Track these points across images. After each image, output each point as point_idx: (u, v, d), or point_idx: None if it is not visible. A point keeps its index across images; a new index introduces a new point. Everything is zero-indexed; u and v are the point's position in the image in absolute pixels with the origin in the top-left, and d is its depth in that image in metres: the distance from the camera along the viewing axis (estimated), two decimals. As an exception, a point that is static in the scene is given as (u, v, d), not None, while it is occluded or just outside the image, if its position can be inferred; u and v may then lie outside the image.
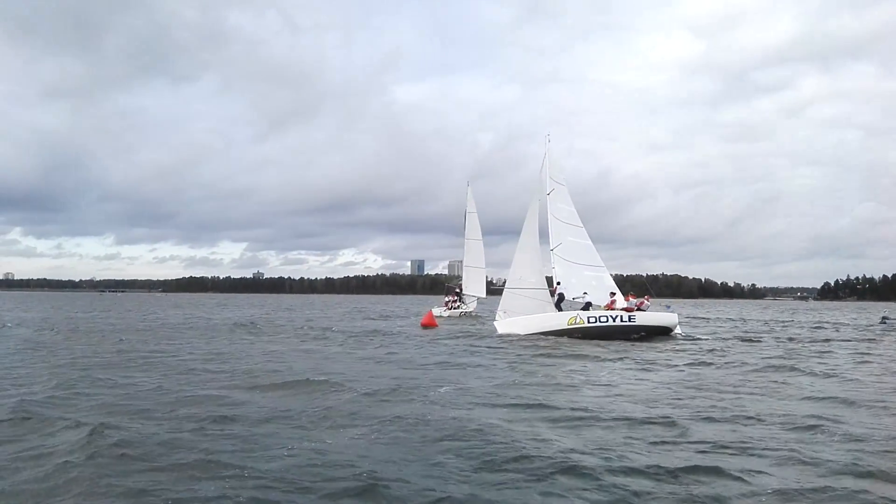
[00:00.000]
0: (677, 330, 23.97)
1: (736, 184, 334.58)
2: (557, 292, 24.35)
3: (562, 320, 23.05)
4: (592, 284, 25.26)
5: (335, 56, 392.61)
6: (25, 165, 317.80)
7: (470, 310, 42.80)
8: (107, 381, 10.56)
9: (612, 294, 24.30)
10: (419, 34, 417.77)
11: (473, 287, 43.94)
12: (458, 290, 43.65)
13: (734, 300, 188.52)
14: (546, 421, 7.84)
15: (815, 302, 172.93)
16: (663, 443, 6.76)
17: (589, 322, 22.71)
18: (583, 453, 6.21)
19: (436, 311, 38.64)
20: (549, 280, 25.48)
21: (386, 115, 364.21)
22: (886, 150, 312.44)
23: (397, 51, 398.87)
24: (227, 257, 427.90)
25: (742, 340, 22.58)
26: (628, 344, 20.07)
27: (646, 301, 24.52)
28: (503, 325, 24.17)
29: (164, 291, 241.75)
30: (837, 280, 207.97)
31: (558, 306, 24.00)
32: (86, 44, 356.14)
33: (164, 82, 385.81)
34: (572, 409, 8.53)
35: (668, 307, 25.73)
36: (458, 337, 22.46)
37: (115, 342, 18.59)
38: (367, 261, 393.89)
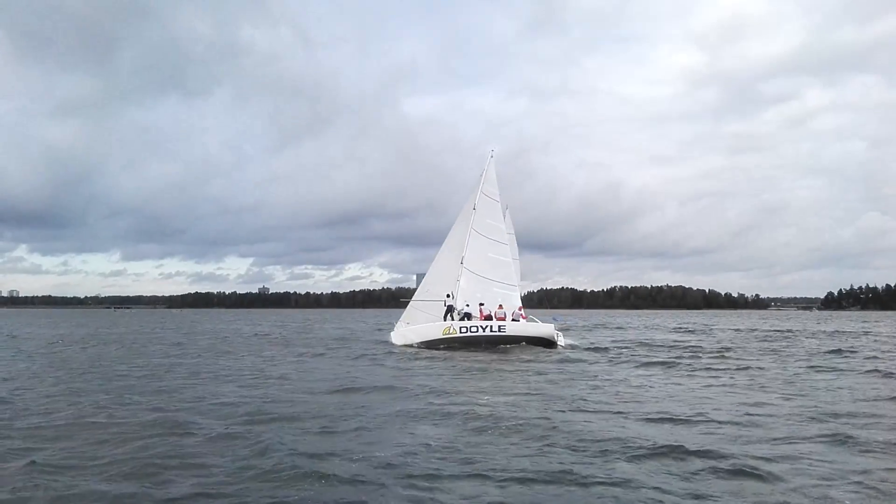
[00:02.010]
0: (560, 341, 23.98)
1: (740, 195, 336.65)
2: (447, 304, 25.39)
3: (438, 331, 24.03)
4: (497, 301, 25.56)
5: (347, 70, 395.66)
6: (34, 182, 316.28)
7: None
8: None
9: (481, 304, 25.04)
10: (428, 47, 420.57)
11: (508, 303, 47.46)
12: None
13: (738, 311, 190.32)
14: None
15: (819, 312, 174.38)
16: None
17: (461, 332, 23.68)
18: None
19: None
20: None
21: (396, 128, 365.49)
22: (890, 160, 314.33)
23: (408, 64, 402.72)
24: (234, 273, 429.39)
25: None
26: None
27: (517, 311, 25.38)
28: (397, 335, 25.57)
29: (169, 307, 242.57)
30: (841, 290, 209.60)
31: (445, 317, 24.93)
32: (100, 59, 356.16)
33: (176, 97, 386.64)
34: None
35: (555, 318, 26.56)
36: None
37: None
38: (373, 275, 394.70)
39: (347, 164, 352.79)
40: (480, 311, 24.92)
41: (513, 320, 24.70)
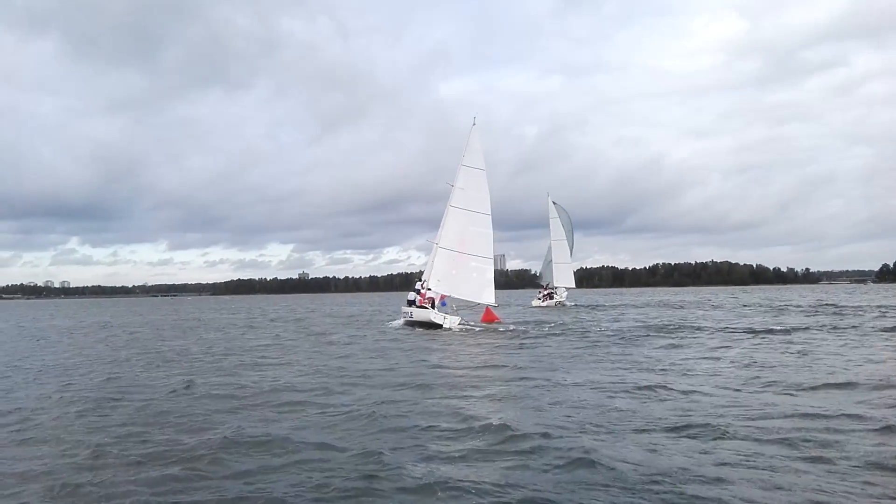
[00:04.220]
0: (446, 324, 25.07)
1: (786, 166, 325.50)
2: (415, 287, 27.56)
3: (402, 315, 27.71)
4: (473, 276, 26.40)
5: (382, 57, 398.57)
6: (84, 177, 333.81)
7: (563, 300, 49.08)
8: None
9: (428, 289, 26.95)
10: (460, 29, 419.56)
11: (563, 280, 50.66)
12: (548, 285, 50.54)
13: (787, 286, 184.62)
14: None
15: (874, 285, 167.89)
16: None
17: (404, 316, 27.23)
18: None
19: (534, 303, 47.06)
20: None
21: (431, 112, 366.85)
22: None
23: (442, 48, 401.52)
24: (275, 259, 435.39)
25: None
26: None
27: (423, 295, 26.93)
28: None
29: (213, 294, 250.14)
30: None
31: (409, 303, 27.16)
32: (146, 57, 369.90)
33: (219, 91, 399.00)
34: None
35: (444, 303, 27.47)
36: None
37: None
38: (411, 258, 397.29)
39: (384, 149, 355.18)
40: (423, 295, 26.54)
41: (418, 306, 26.55)
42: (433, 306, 26.24)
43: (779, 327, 23.30)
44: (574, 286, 52.92)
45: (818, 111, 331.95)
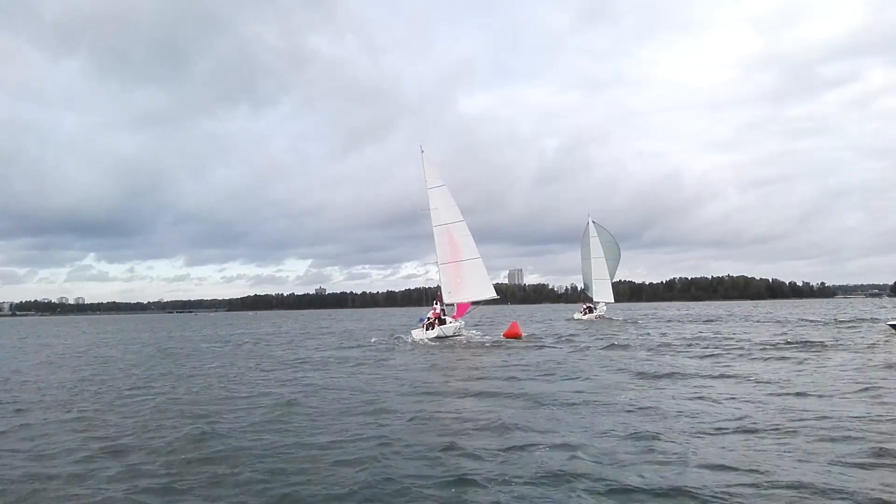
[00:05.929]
0: (415, 337, 28.06)
1: (803, 180, 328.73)
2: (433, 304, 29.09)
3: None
4: (473, 277, 28.07)
5: (408, 72, 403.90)
6: (105, 193, 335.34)
7: (603, 313, 53.01)
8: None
9: (433, 308, 28.64)
10: (482, 45, 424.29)
11: (602, 295, 54.37)
12: (590, 299, 54.63)
13: (802, 300, 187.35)
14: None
15: (889, 299, 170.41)
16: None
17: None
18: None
19: (576, 316, 50.82)
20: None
21: (454, 126, 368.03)
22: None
23: (466, 63, 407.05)
24: (293, 275, 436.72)
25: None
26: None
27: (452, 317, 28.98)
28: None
29: (229, 310, 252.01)
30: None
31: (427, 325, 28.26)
32: (174, 72, 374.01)
33: (246, 106, 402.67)
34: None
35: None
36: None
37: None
38: (429, 272, 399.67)
39: (406, 164, 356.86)
40: (434, 311, 28.69)
41: (437, 322, 28.33)
42: (441, 322, 28.11)
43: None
44: (613, 301, 55.62)
45: (834, 125, 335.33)
